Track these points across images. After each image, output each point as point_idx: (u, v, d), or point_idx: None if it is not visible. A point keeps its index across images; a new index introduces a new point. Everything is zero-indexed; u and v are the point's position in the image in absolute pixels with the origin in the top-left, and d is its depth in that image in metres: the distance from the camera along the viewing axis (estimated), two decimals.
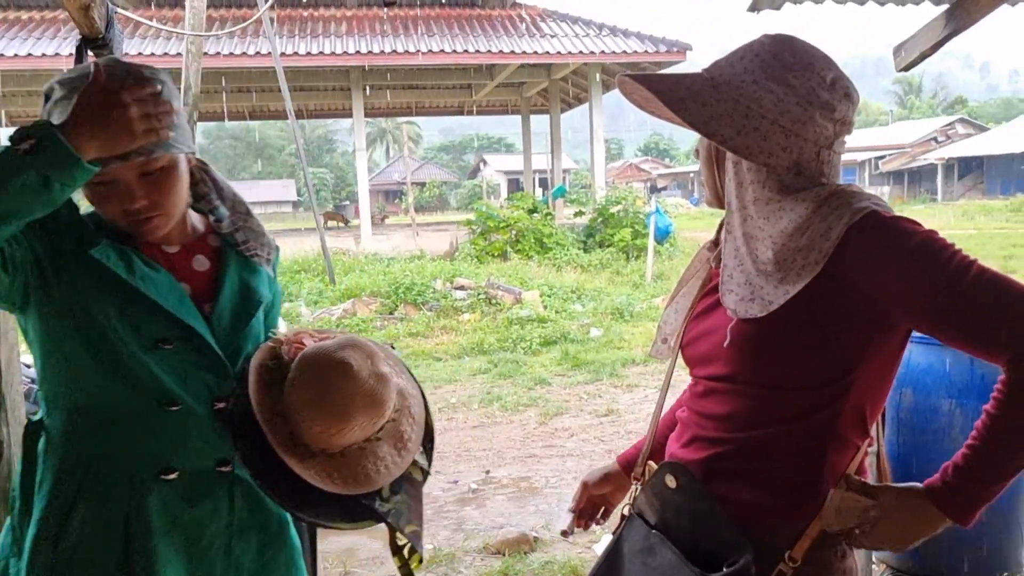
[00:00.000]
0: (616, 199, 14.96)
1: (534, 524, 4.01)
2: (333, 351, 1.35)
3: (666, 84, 1.21)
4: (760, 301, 1.16)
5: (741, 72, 1.18)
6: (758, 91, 1.16)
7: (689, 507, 1.22)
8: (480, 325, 9.22)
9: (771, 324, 1.15)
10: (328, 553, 3.81)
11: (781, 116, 1.15)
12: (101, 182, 1.27)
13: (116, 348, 1.30)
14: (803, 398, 1.17)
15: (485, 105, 22.35)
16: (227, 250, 1.50)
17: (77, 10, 2.11)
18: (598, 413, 6.06)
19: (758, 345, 1.18)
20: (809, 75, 1.16)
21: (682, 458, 1.27)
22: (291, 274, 12.12)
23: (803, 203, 1.15)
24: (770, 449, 1.19)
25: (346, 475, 1.34)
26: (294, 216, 46.32)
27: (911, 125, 50.13)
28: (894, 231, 1.11)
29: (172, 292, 1.35)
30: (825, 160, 1.19)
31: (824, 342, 1.15)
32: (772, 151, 1.15)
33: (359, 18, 16.17)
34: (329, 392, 1.31)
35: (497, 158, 55.29)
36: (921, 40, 2.85)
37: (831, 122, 1.17)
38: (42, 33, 14.17)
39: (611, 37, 15.78)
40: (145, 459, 1.33)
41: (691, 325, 1.34)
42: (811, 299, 1.13)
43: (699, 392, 1.30)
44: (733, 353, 1.20)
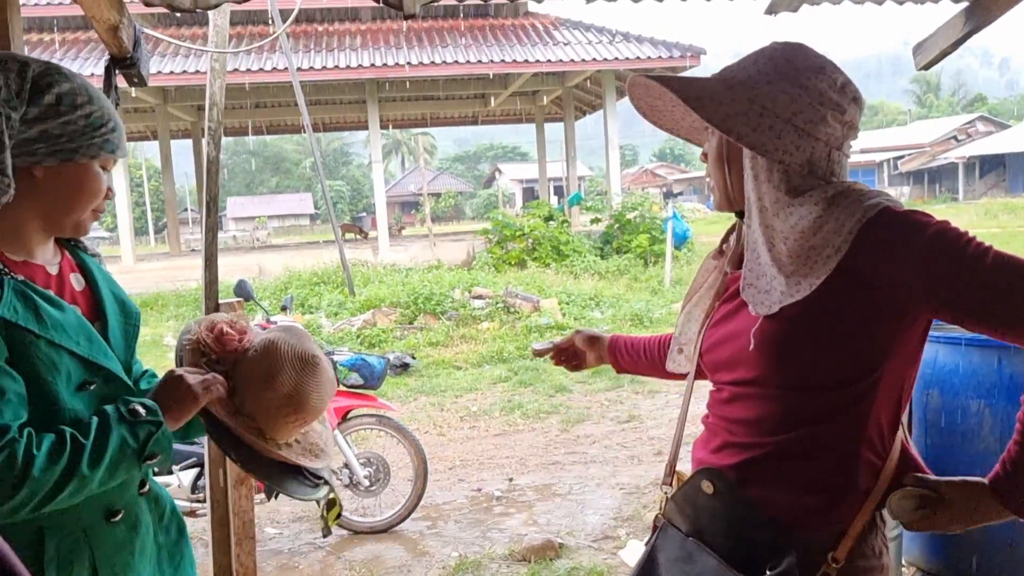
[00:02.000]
0: (632, 205, 14.95)
1: (559, 530, 4.01)
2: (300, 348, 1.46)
3: (682, 83, 1.25)
4: (779, 296, 1.17)
5: (755, 74, 1.21)
6: (772, 91, 1.19)
7: (726, 512, 1.23)
8: (499, 333, 9.24)
9: (795, 324, 1.17)
10: (355, 561, 3.83)
11: (795, 115, 1.18)
12: (105, 167, 1.35)
13: (52, 399, 1.23)
14: (832, 397, 1.17)
15: (499, 114, 22.44)
16: (85, 259, 1.46)
17: (106, 31, 2.16)
18: (620, 420, 6.05)
19: (783, 347, 1.19)
20: (821, 77, 1.19)
21: (714, 464, 1.27)
22: (311, 286, 12.20)
23: (812, 201, 1.18)
24: (804, 451, 1.19)
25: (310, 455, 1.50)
26: (312, 229, 46.66)
27: (930, 124, 49.70)
28: (908, 223, 1.13)
29: (81, 333, 1.29)
30: (835, 160, 1.22)
31: (848, 339, 1.16)
32: (787, 149, 1.18)
33: (373, 31, 16.30)
34: (305, 390, 1.43)
35: (512, 167, 55.39)
36: (940, 38, 2.84)
37: (841, 124, 1.21)
38: (64, 54, 14.40)
39: (624, 43, 15.80)
40: (92, 506, 1.29)
41: (709, 332, 1.34)
42: (831, 296, 1.14)
43: (724, 398, 1.30)
44: (758, 357, 1.21)
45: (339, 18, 16.72)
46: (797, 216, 1.18)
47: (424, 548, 3.97)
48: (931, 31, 2.96)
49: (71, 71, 1.32)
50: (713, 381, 1.35)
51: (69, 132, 1.27)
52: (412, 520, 4.24)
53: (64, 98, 1.26)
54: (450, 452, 5.50)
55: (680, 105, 1.35)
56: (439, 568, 3.72)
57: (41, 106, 1.24)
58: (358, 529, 4.17)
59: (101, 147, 1.31)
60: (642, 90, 1.35)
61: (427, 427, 6.13)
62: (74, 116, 1.27)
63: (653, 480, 4.65)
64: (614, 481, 4.72)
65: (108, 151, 1.33)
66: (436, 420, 6.34)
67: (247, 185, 62.33)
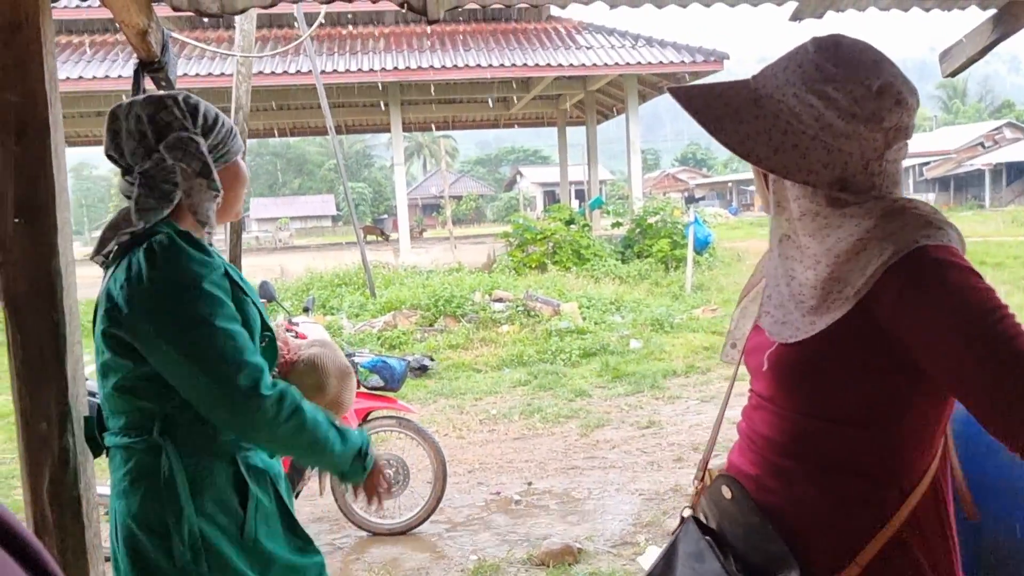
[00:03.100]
0: (654, 210, 14.89)
1: (577, 535, 4.00)
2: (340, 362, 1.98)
3: (705, 100, 1.17)
4: (790, 327, 1.13)
5: (783, 84, 1.12)
6: (798, 105, 1.10)
7: (742, 519, 1.22)
8: (519, 337, 9.24)
9: (806, 355, 1.12)
10: (373, 563, 3.85)
11: (822, 131, 1.09)
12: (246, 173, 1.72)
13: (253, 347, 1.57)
14: (848, 431, 1.12)
15: (521, 118, 22.44)
16: None
17: (135, 35, 2.19)
18: (640, 425, 6.03)
19: (794, 375, 1.15)
20: (852, 86, 1.08)
21: (740, 469, 1.27)
22: (332, 287, 12.27)
23: (853, 221, 1.09)
24: (816, 477, 1.16)
25: None
26: (333, 230, 46.96)
27: (956, 130, 49.09)
28: (936, 280, 1.03)
29: (256, 295, 1.67)
30: (875, 172, 1.12)
31: (859, 381, 1.10)
32: (812, 168, 1.09)
33: (396, 35, 16.38)
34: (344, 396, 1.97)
35: (533, 170, 55.38)
36: (968, 45, 2.81)
37: (880, 132, 1.09)
38: (93, 56, 14.62)
39: (647, 48, 15.76)
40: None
41: (752, 334, 1.30)
42: (843, 334, 1.08)
43: (752, 405, 1.28)
44: (771, 378, 1.19)
45: (363, 22, 16.82)
46: (834, 238, 1.10)
47: (442, 551, 3.97)
48: (958, 38, 2.94)
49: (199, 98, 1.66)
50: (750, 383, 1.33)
51: (222, 139, 1.61)
52: (431, 522, 4.25)
53: (208, 115, 1.60)
54: (469, 455, 5.51)
55: None
56: (457, 571, 3.72)
57: (204, 126, 1.58)
58: (377, 531, 4.18)
59: (239, 145, 1.68)
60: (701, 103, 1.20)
61: (446, 429, 6.14)
62: (219, 127, 1.61)
63: (673, 486, 4.63)
64: (633, 487, 4.70)
65: (239, 147, 1.69)
66: (455, 423, 6.36)
67: (270, 186, 62.84)
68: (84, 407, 1.85)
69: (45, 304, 1.75)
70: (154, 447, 1.51)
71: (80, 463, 1.80)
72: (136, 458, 1.53)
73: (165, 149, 1.53)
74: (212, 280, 1.50)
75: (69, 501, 1.78)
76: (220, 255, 1.60)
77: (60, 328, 1.76)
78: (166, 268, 1.48)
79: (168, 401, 1.51)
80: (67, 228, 1.80)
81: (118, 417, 1.56)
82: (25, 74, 1.71)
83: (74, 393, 1.78)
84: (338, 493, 4.12)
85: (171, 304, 1.47)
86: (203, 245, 1.57)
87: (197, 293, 1.47)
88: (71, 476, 1.78)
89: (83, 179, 69.48)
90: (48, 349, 1.75)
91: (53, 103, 1.74)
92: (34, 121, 1.71)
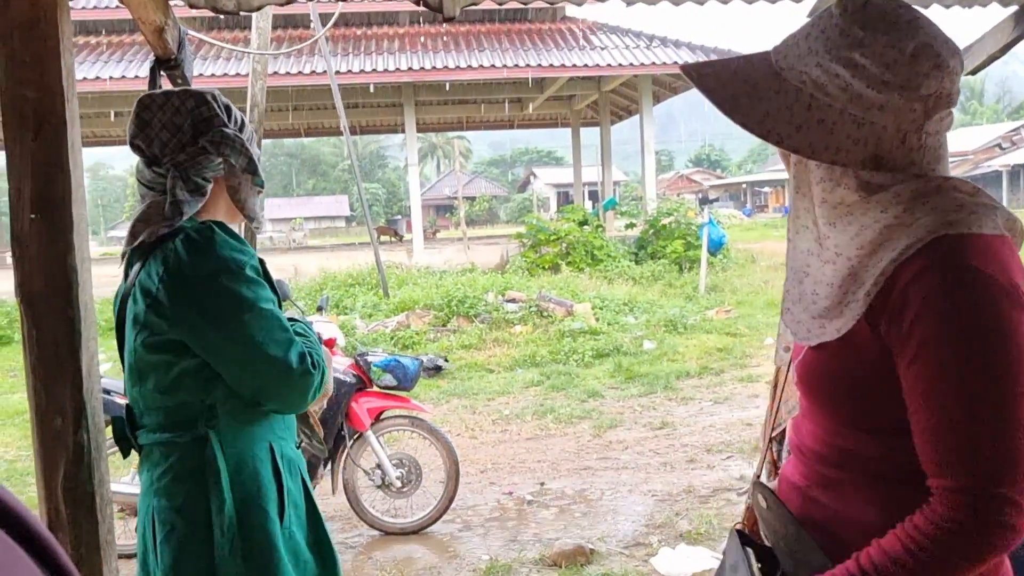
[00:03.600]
0: (667, 211, 14.84)
1: (590, 536, 3.98)
2: None
3: (719, 78, 1.05)
4: (803, 330, 1.05)
5: (805, 54, 1.00)
6: (822, 76, 0.98)
7: (781, 529, 1.15)
8: (532, 337, 9.23)
9: (826, 359, 1.05)
10: (385, 562, 3.85)
11: (851, 103, 0.97)
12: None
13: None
14: (884, 442, 1.03)
15: (535, 118, 22.44)
16: None
17: (152, 33, 2.20)
18: (653, 426, 6.00)
19: (820, 382, 1.07)
20: (883, 50, 0.95)
21: (790, 481, 1.19)
22: (345, 287, 12.30)
23: (879, 207, 0.98)
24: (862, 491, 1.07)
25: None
26: (347, 231, 47.11)
27: (974, 131, 48.65)
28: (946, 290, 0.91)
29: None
30: (914, 146, 0.99)
31: (886, 389, 0.99)
32: (841, 146, 0.97)
33: (411, 35, 16.42)
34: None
35: (546, 171, 55.36)
36: (988, 43, 2.78)
37: (918, 101, 0.96)
38: (110, 56, 14.73)
39: (661, 48, 15.71)
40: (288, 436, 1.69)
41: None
42: (860, 339, 0.99)
43: (801, 415, 1.21)
44: (802, 388, 1.12)
45: (377, 22, 16.87)
46: (859, 225, 0.99)
47: (455, 550, 3.97)
48: (978, 35, 2.90)
49: None
50: None
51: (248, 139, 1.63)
52: (443, 522, 4.24)
53: (238, 117, 1.63)
54: (482, 455, 5.50)
55: None
56: (469, 571, 3.71)
57: (236, 126, 1.62)
58: (389, 530, 4.18)
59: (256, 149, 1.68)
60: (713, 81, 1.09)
61: (459, 429, 6.13)
62: (246, 129, 1.64)
63: (685, 487, 4.60)
64: (646, 488, 4.68)
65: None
66: (468, 423, 6.35)
67: (284, 187, 63.13)
68: (99, 404, 1.86)
69: (61, 300, 1.75)
70: (199, 440, 1.53)
71: (94, 459, 1.80)
72: (179, 453, 1.54)
73: (210, 144, 1.54)
74: (252, 266, 1.55)
75: (83, 497, 1.78)
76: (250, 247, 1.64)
77: (75, 324, 1.76)
78: (208, 255, 1.49)
79: (210, 393, 1.53)
80: (83, 224, 1.80)
81: (155, 414, 1.57)
82: (43, 70, 1.71)
83: (89, 389, 1.78)
84: (351, 492, 4.12)
85: (218, 289, 1.48)
86: (236, 234, 1.59)
87: (241, 277, 1.50)
88: (85, 472, 1.78)
89: (99, 179, 70.02)
90: (63, 345, 1.75)
91: (70, 99, 1.75)
92: (51, 117, 1.72)
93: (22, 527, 0.37)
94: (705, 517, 4.07)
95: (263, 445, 1.59)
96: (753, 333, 9.24)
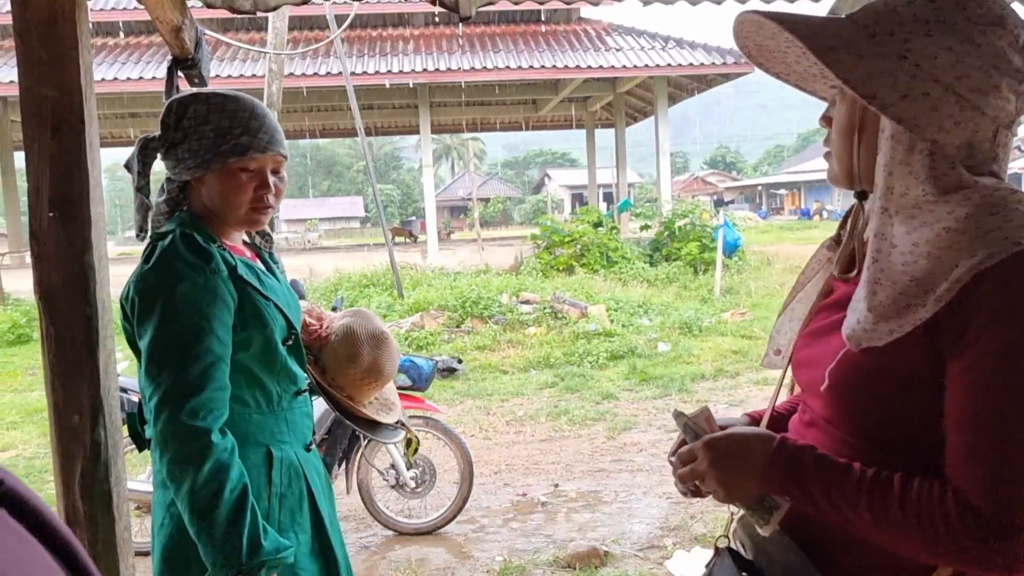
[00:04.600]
0: (682, 212, 14.79)
1: (604, 538, 3.97)
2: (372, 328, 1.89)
3: (810, 27, 0.96)
4: (862, 331, 0.95)
5: (908, 20, 0.92)
6: (931, 46, 0.90)
7: (779, 557, 1.07)
8: (546, 339, 9.21)
9: (872, 368, 0.97)
10: (399, 562, 3.85)
11: (958, 81, 0.90)
12: (245, 168, 1.54)
13: (273, 347, 1.57)
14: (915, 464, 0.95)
15: (549, 120, 22.45)
16: (267, 258, 1.78)
17: (169, 32, 2.21)
18: (667, 428, 5.97)
19: (854, 395, 0.99)
20: (1000, 32, 0.90)
21: None
22: (360, 288, 12.34)
23: (946, 208, 0.92)
24: None
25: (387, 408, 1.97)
26: (362, 232, 47.27)
27: None
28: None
29: (289, 298, 1.66)
30: (1001, 143, 0.95)
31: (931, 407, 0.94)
32: (943, 125, 0.90)
33: (426, 36, 16.46)
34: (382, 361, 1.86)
35: (561, 173, 55.37)
36: None
37: (1016, 95, 0.92)
38: (128, 57, 14.85)
39: (677, 49, 15.67)
40: (297, 438, 1.65)
41: (802, 341, 1.14)
42: (915, 349, 0.93)
43: (805, 420, 1.12)
44: (830, 399, 1.02)
45: (392, 23, 16.93)
46: (920, 220, 0.93)
47: (468, 551, 3.96)
48: None
49: (215, 92, 1.56)
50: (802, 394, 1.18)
51: (205, 146, 1.50)
52: (457, 523, 4.24)
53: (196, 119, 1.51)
54: (496, 456, 5.50)
55: (796, 47, 1.04)
56: (483, 572, 3.71)
57: (181, 130, 1.52)
58: (403, 530, 4.18)
59: (223, 149, 1.51)
60: (752, 27, 1.04)
61: (473, 430, 6.13)
62: (204, 130, 1.50)
63: None
64: (661, 490, 4.65)
65: (238, 154, 1.52)
66: (482, 424, 6.35)
67: (299, 188, 63.46)
68: (116, 401, 1.86)
69: (78, 298, 1.76)
70: None
71: (111, 456, 1.81)
72: None
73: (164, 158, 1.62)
74: (200, 284, 1.46)
75: (100, 494, 1.78)
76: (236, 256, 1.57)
77: (93, 322, 1.77)
78: (155, 267, 1.48)
79: None
80: (100, 222, 1.81)
81: None
82: (61, 69, 1.72)
83: (106, 387, 1.79)
84: (365, 492, 4.12)
85: (143, 303, 1.47)
86: (202, 245, 1.50)
87: (167, 296, 1.45)
88: (102, 470, 1.79)
89: (117, 179, 70.62)
90: (81, 342, 1.76)
91: (88, 98, 1.75)
92: (69, 116, 1.73)
93: (41, 523, 0.37)
94: (720, 520, 4.04)
95: (257, 449, 1.55)
96: (768, 336, 9.17)
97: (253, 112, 1.55)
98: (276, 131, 1.58)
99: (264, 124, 1.55)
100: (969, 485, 0.89)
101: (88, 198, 1.76)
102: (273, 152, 1.56)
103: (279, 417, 1.61)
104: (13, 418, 6.98)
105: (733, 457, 1.03)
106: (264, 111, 1.58)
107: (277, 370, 1.59)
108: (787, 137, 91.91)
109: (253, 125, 1.54)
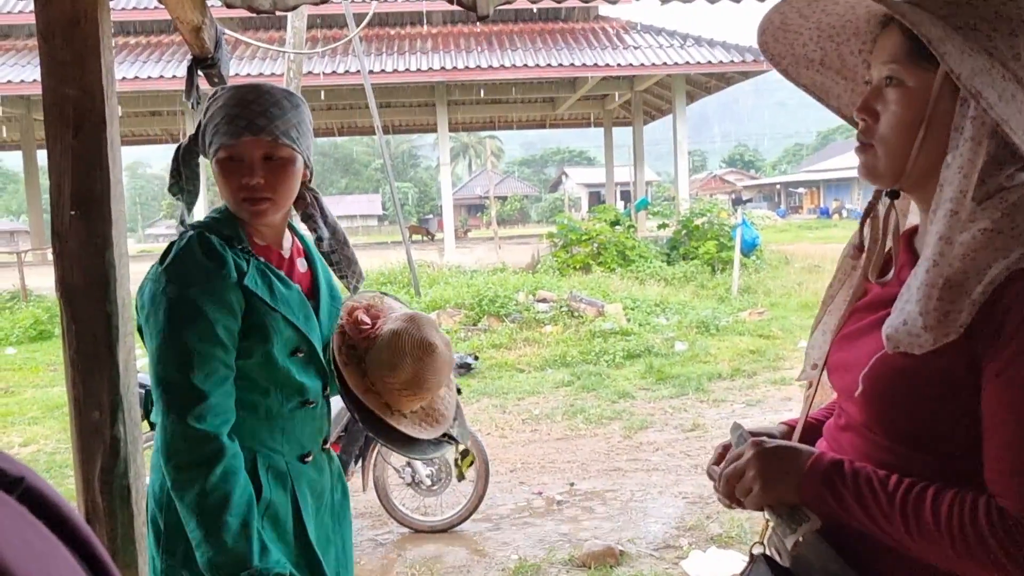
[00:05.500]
0: (700, 211, 14.72)
1: (619, 537, 3.96)
2: (419, 337, 1.66)
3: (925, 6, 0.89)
4: (906, 334, 0.90)
5: (992, 17, 0.86)
6: (1017, 46, 0.85)
7: (818, 564, 1.04)
8: (563, 337, 9.20)
9: (905, 375, 0.94)
10: (415, 560, 3.86)
11: None
12: (231, 157, 1.52)
13: (272, 359, 1.54)
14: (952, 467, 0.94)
15: (567, 118, 22.41)
16: (309, 247, 1.78)
17: (189, 32, 2.23)
18: (684, 428, 5.95)
19: (889, 400, 0.97)
20: None
21: None
22: (378, 286, 12.38)
23: (986, 212, 0.89)
24: None
25: (431, 421, 1.73)
26: (379, 230, 47.46)
27: None
28: None
29: (301, 309, 1.60)
30: None
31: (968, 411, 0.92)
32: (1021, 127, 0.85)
33: (444, 35, 16.48)
34: (424, 375, 1.65)
35: (578, 171, 55.27)
36: None
37: None
38: (148, 56, 14.99)
39: (695, 47, 15.59)
40: (291, 446, 1.61)
41: (836, 346, 1.11)
42: (955, 354, 0.90)
43: (840, 424, 1.10)
44: (864, 404, 1.00)
45: (410, 22, 16.96)
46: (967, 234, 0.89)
47: (484, 549, 3.97)
48: None
49: (229, 86, 1.57)
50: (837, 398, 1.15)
51: (205, 140, 1.55)
52: (472, 521, 4.25)
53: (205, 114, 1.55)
54: (512, 454, 5.50)
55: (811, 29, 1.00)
56: (498, 570, 3.71)
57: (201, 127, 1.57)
58: (419, 528, 4.19)
59: (211, 142, 1.53)
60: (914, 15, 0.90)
61: (489, 429, 6.14)
62: (207, 126, 1.54)
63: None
64: (677, 490, 4.64)
65: (217, 144, 1.52)
66: (498, 422, 6.35)
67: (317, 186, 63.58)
68: (136, 398, 1.88)
69: (99, 295, 1.77)
70: None
71: (131, 452, 1.82)
72: None
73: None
74: (208, 289, 1.46)
75: (119, 489, 1.80)
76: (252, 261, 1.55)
77: (113, 319, 1.79)
78: (167, 269, 1.49)
79: None
80: (121, 221, 1.82)
81: None
82: (83, 70, 1.74)
83: (126, 383, 1.81)
84: (381, 489, 4.14)
85: (152, 304, 1.48)
86: (216, 249, 1.49)
87: (175, 299, 1.45)
88: (121, 465, 1.80)
89: (137, 177, 71.32)
90: (101, 339, 1.78)
91: (110, 97, 1.77)
92: (91, 115, 1.74)
93: (60, 518, 0.37)
94: (736, 521, 4.02)
95: (247, 450, 1.53)
96: (786, 335, 9.13)
97: (242, 99, 1.50)
98: (259, 116, 1.49)
99: (247, 110, 1.49)
100: (1001, 491, 0.88)
101: (109, 196, 1.77)
102: (252, 136, 1.49)
103: (274, 425, 1.58)
104: (35, 413, 7.08)
105: (779, 459, 1.05)
106: (255, 97, 1.51)
107: (278, 382, 1.56)
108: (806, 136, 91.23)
109: (233, 112, 1.50)
